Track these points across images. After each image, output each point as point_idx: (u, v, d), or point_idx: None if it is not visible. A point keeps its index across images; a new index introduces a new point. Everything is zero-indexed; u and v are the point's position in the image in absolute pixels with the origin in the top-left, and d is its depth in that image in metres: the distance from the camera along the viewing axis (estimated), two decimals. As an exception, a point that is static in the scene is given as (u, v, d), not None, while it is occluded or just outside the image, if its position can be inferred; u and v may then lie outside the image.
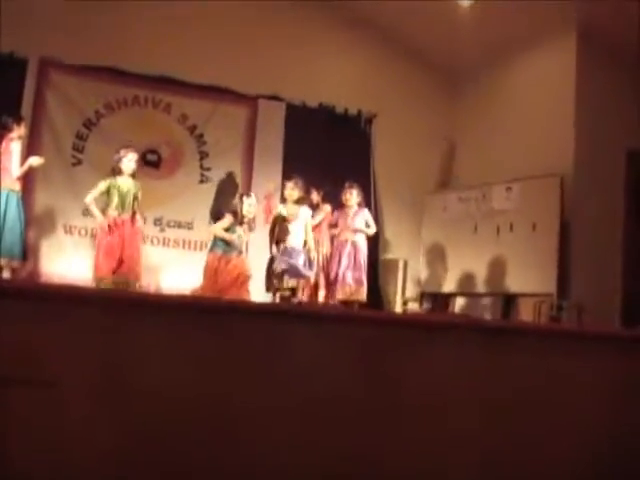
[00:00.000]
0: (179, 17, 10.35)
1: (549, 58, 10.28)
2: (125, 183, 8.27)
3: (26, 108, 9.57)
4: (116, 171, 8.29)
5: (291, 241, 8.67)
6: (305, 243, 8.79)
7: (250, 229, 8.62)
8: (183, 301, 3.49)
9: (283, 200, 8.99)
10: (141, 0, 10.11)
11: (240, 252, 8.49)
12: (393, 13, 10.92)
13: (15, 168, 7.84)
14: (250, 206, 8.54)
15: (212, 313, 3.17)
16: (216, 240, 8.43)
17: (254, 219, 8.67)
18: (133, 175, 8.48)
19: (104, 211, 8.31)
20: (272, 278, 8.64)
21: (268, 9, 10.88)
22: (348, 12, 11.23)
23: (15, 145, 7.89)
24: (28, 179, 8.97)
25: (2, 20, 9.20)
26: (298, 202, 8.83)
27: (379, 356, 3.33)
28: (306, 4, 11.11)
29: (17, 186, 7.90)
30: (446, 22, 10.17)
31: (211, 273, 8.31)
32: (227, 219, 8.39)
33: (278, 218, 8.84)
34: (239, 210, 8.48)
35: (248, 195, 8.70)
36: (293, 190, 8.84)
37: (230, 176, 9.00)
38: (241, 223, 8.45)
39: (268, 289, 8.77)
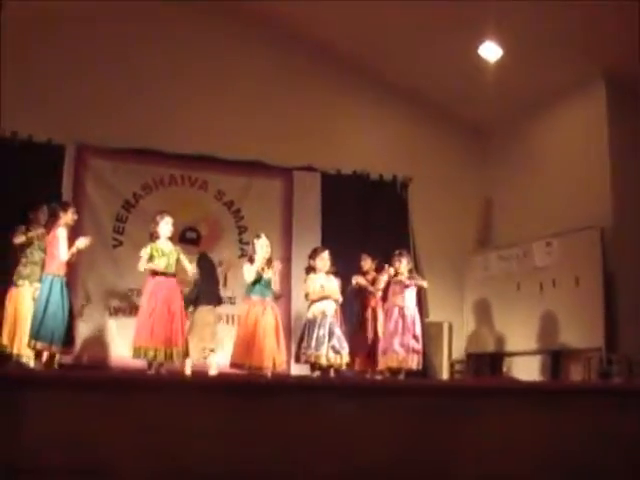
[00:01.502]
0: (209, 95, 10.55)
1: (579, 108, 10.29)
2: (166, 245, 8.26)
3: (66, 194, 9.75)
4: (154, 236, 8.29)
5: (326, 311, 8.66)
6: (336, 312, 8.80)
7: (270, 267, 8.58)
8: (228, 381, 3.50)
9: (313, 269, 8.93)
10: (170, 82, 10.35)
11: (272, 292, 8.52)
12: (421, 76, 11.06)
13: (63, 253, 7.89)
14: (262, 247, 8.54)
15: (258, 391, 3.17)
16: (249, 287, 8.48)
17: (271, 259, 8.66)
18: (171, 239, 8.44)
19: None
20: (302, 349, 8.61)
21: (297, 82, 11.06)
22: (377, 78, 11.38)
23: (61, 231, 7.96)
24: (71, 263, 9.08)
25: (40, 109, 9.48)
26: (329, 273, 8.83)
27: (427, 425, 3.30)
28: (334, 74, 11.27)
29: (63, 271, 7.95)
30: (474, 81, 10.26)
31: (243, 317, 8.34)
32: (246, 267, 8.43)
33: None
34: (253, 254, 8.53)
35: (258, 237, 8.68)
36: (327, 261, 8.83)
37: (204, 256, 9.04)
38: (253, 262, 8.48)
39: (298, 359, 8.72)
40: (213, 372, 8.49)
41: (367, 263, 9.64)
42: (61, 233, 7.92)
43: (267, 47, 10.97)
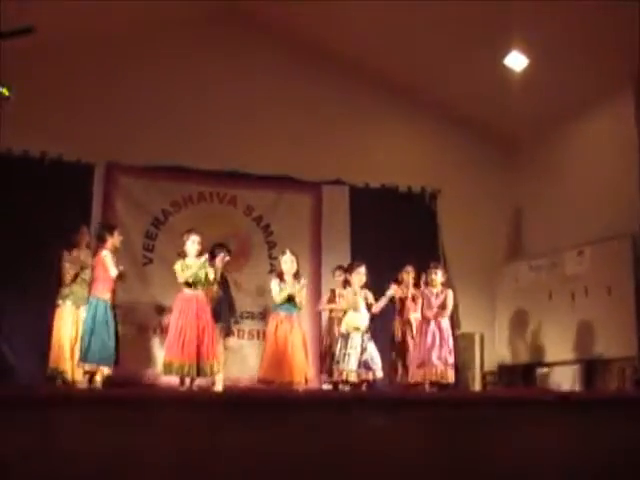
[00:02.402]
0: (237, 111, 10.59)
1: (608, 116, 10.20)
2: (194, 262, 8.25)
3: (96, 212, 9.87)
4: (182, 255, 8.33)
5: (359, 326, 8.64)
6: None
7: (297, 280, 8.59)
8: (258, 396, 3.50)
9: (348, 283, 8.93)
10: (198, 99, 10.41)
11: (300, 307, 8.59)
12: (448, 88, 11.04)
13: (113, 271, 7.95)
14: (286, 263, 8.58)
15: (288, 406, 3.17)
16: (275, 305, 8.54)
17: (298, 271, 8.66)
18: (199, 256, 8.42)
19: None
20: (334, 364, 8.61)
21: (324, 97, 11.08)
22: (404, 91, 11.39)
23: (107, 254, 8.02)
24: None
25: (69, 128, 9.58)
26: (364, 287, 8.82)
27: (460, 437, 3.28)
28: (361, 88, 11.29)
29: (107, 295, 8.01)
30: (502, 92, 10.19)
31: (271, 332, 8.40)
32: (274, 283, 8.47)
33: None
34: (279, 269, 8.63)
35: (283, 253, 8.71)
36: (363, 275, 8.81)
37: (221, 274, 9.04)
38: (284, 279, 8.50)
39: (330, 374, 8.73)
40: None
41: (410, 275, 9.55)
42: (107, 256, 8.00)
43: (295, 64, 11.04)
